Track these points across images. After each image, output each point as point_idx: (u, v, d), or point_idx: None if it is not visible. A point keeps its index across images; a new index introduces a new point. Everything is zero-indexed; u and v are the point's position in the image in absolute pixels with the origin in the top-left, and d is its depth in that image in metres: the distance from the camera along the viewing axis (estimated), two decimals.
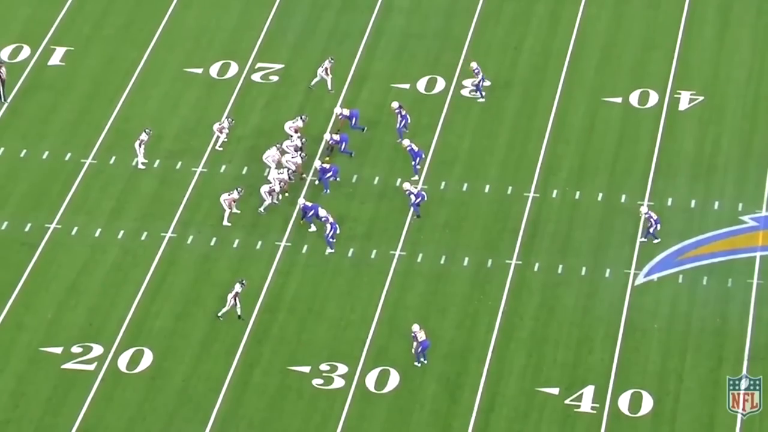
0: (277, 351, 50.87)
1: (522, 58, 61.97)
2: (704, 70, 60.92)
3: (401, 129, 57.76)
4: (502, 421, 48.47)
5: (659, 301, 52.07)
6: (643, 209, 53.73)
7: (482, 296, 52.50)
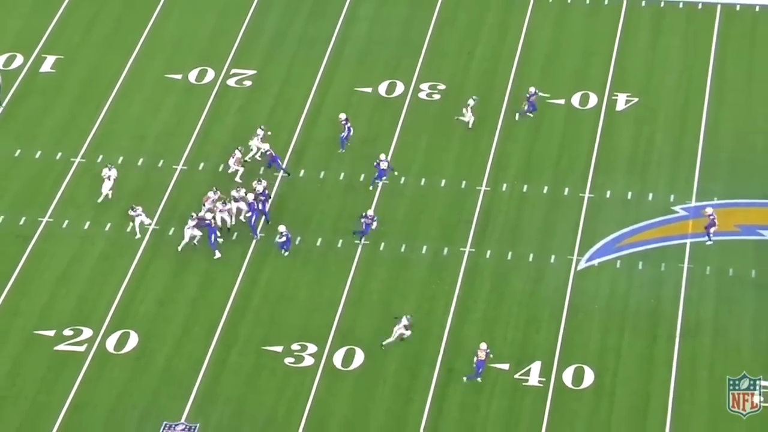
0: (252, 333, 51.06)
1: (474, 63, 62.09)
2: (639, 75, 61.13)
3: (344, 139, 57.72)
4: (458, 394, 48.75)
5: (599, 284, 52.37)
6: (708, 210, 53.21)
7: (439, 281, 52.70)
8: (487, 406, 48.43)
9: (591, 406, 48.29)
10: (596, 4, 64.64)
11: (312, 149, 58.29)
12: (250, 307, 52.10)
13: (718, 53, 61.76)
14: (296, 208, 55.78)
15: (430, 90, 60.88)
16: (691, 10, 64.03)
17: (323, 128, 59.16)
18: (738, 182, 55.92)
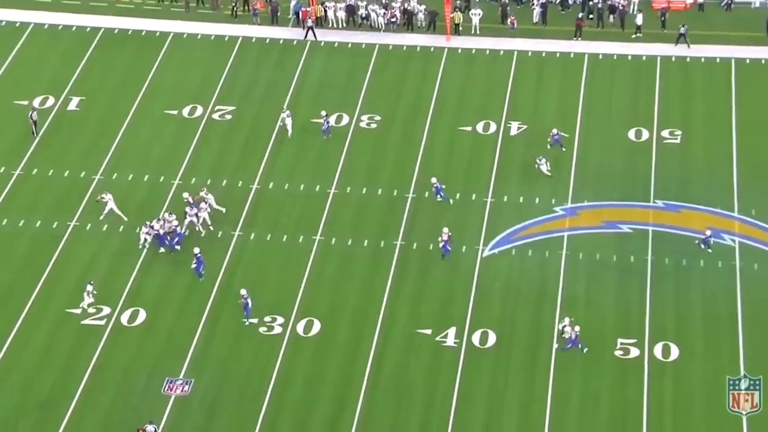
0: (233, 309, 50.50)
1: (402, 100, 61.64)
2: (527, 107, 60.84)
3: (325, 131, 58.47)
4: (394, 354, 48.53)
5: (499, 267, 52.15)
6: (708, 231, 51.23)
7: (377, 268, 52.31)
8: (415, 362, 48.20)
9: (493, 361, 48.12)
10: (494, 55, 64.17)
11: (279, 164, 57.62)
12: (232, 288, 51.48)
13: (586, 91, 61.50)
14: (267, 212, 55.17)
15: (368, 120, 60.37)
16: (565, 59, 63.76)
17: (288, 148, 58.62)
18: (602, 188, 55.73)
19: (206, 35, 66.39)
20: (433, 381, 47.41)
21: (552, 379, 47.22)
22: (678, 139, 58.15)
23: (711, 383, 46.68)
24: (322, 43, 65.57)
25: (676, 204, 54.67)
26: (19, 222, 55.04)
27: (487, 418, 46.04)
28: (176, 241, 53.17)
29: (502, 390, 47.01)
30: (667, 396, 46.37)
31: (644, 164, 56.76)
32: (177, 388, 47.35)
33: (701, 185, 55.44)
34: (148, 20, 67.33)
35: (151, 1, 68.76)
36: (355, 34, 66.20)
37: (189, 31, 66.58)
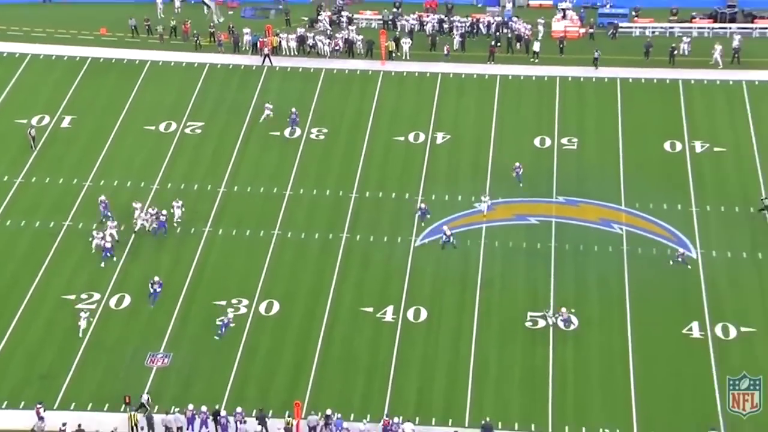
0: (205, 293, 49.90)
1: (346, 115, 61.03)
2: (450, 120, 60.56)
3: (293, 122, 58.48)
4: (341, 329, 48.16)
5: (429, 254, 51.85)
6: (680, 250, 49.94)
7: (327, 257, 51.81)
8: (360, 335, 47.85)
9: (425, 334, 47.92)
10: (422, 77, 63.71)
11: (243, 171, 56.88)
12: (203, 277, 50.85)
13: (498, 106, 61.35)
14: (233, 211, 54.44)
15: (317, 132, 59.80)
16: (481, 79, 63.46)
17: (251, 156, 57.95)
18: (514, 187, 55.61)
19: (178, 62, 65.51)
20: (374, 351, 47.08)
21: (474, 348, 47.09)
22: (575, 146, 58.28)
23: (605, 349, 46.86)
24: (277, 68, 65.00)
25: (574, 199, 54.78)
26: (21, 222, 53.90)
27: (421, 382, 45.83)
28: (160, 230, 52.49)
29: (432, 358, 46.80)
30: (568, 361, 46.43)
31: (547, 166, 56.83)
32: (158, 360, 46.65)
33: (594, 183, 55.58)
34: (129, 50, 66.38)
35: (130, 35, 67.74)
36: (305, 61, 65.64)
37: (164, 59, 65.67)
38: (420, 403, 44.83)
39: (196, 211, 54.14)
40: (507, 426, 43.69)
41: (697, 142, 57.89)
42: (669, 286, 49.58)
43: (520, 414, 44.23)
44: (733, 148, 57.51)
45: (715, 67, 63.40)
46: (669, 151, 57.59)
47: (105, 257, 51.17)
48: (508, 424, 43.75)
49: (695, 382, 45.03)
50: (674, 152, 57.44)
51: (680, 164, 56.53)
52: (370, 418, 44.07)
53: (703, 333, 47.04)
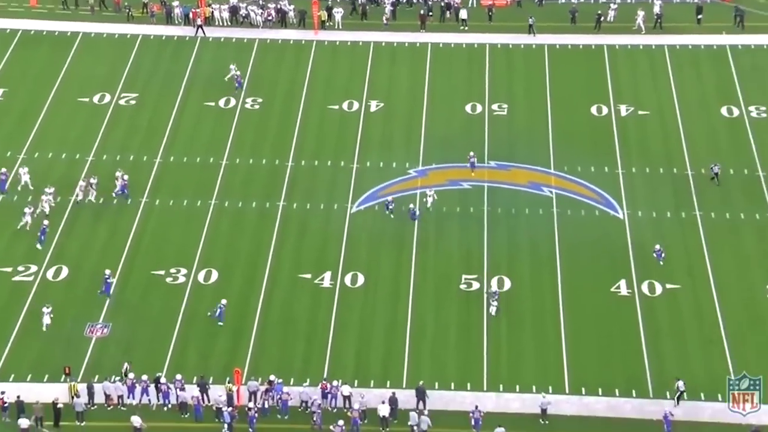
0: (144, 263, 49.15)
1: (280, 84, 60.15)
2: (383, 88, 60.02)
3: (239, 84, 58.31)
4: (280, 295, 47.72)
5: (365, 220, 51.51)
6: (657, 246, 48.20)
7: (264, 225, 51.19)
8: (298, 301, 47.44)
9: (363, 298, 47.71)
10: (354, 46, 62.95)
11: (178, 141, 55.89)
12: (141, 248, 50.04)
13: (430, 73, 60.94)
14: (170, 182, 53.51)
15: (252, 102, 58.91)
16: (413, 48, 62.95)
17: (186, 127, 56.96)
18: (446, 153, 55.44)
19: (111, 34, 63.90)
20: (313, 317, 46.77)
21: (410, 312, 47.06)
22: (505, 111, 58.27)
23: (537, 309, 47.13)
24: (210, 38, 63.75)
25: (506, 164, 54.88)
26: None
27: (359, 344, 45.69)
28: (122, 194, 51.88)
29: (370, 321, 46.66)
30: (502, 320, 46.60)
31: (479, 132, 56.77)
32: (97, 330, 45.82)
33: (524, 148, 55.72)
34: (60, 22, 64.55)
35: (61, 7, 65.84)
36: (238, 31, 64.47)
37: (96, 31, 64.02)
38: (358, 366, 44.71)
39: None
40: (443, 386, 43.76)
41: (622, 106, 58.28)
42: (597, 247, 50.00)
43: (456, 374, 44.32)
44: (656, 112, 58.00)
45: (638, 32, 63.81)
46: (595, 115, 57.93)
47: (41, 240, 49.74)
48: (444, 385, 43.82)
49: (623, 339, 45.55)
50: (600, 116, 57.78)
51: (606, 128, 56.90)
52: (310, 382, 43.83)
53: (631, 291, 47.58)
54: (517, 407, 42.89)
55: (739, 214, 51.38)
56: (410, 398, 42.84)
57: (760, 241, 49.93)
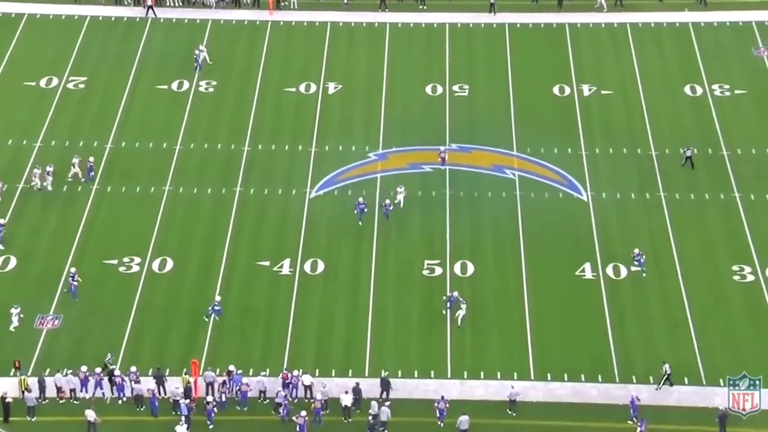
0: (95, 252, 48.44)
1: (235, 66, 59.40)
2: (341, 70, 59.52)
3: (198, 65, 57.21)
4: (238, 283, 47.26)
5: (324, 205, 51.14)
6: (636, 250, 46.86)
7: (221, 211, 50.61)
8: (258, 288, 47.07)
9: (323, 285, 47.33)
10: (311, 27, 62.22)
11: (130, 125, 55.11)
12: (93, 234, 49.29)
13: (389, 54, 60.41)
14: (121, 167, 52.82)
15: (206, 85, 58.20)
16: (371, 28, 62.34)
17: (138, 110, 56.15)
18: (407, 135, 55.11)
19: (58, 15, 62.65)
20: (272, 304, 46.32)
21: (372, 298, 46.71)
22: (466, 92, 58.02)
23: (501, 294, 47.03)
24: (161, 20, 62.65)
25: (467, 146, 54.70)
26: None
27: (319, 333, 45.30)
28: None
29: (330, 308, 46.30)
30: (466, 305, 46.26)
31: (439, 114, 56.44)
32: (48, 322, 45.01)
33: (486, 129, 55.52)
34: (4, 3, 63.16)
35: None
36: (190, 12, 63.43)
37: (42, 12, 62.74)
38: (319, 355, 44.35)
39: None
40: (407, 374, 43.50)
41: (584, 85, 58.24)
42: (561, 229, 49.95)
43: (420, 362, 44.07)
44: (619, 91, 57.99)
45: (600, 10, 63.72)
46: (558, 95, 57.83)
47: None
48: (407, 373, 43.54)
49: (588, 323, 45.56)
50: (563, 96, 57.70)
51: (569, 108, 56.81)
52: (270, 372, 43.36)
53: (595, 274, 47.60)
54: (482, 394, 42.72)
55: (704, 194, 51.56)
56: (374, 388, 42.49)
57: (724, 222, 50.15)
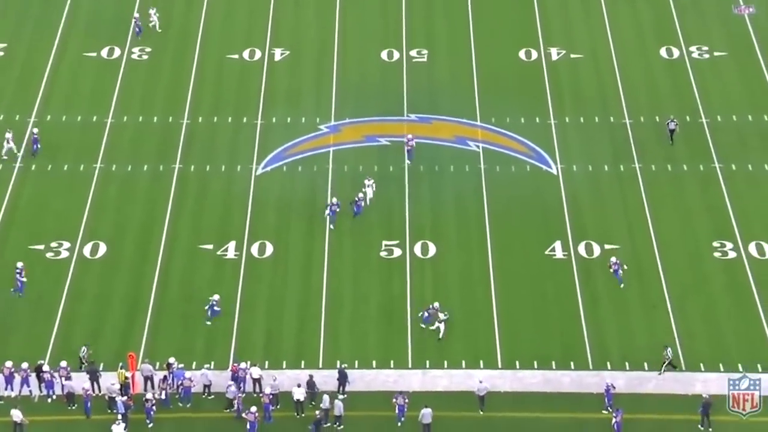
0: (20, 237, 47.78)
1: (171, 31, 58.43)
2: (288, 34, 58.82)
3: (138, 32, 56.70)
4: (178, 270, 46.78)
5: (272, 183, 50.64)
6: (612, 259, 45.87)
7: (158, 190, 50.07)
8: (201, 272, 46.59)
9: (272, 270, 46.90)
10: None
11: (55, 97, 54.38)
12: (17, 217, 48.55)
13: (340, 17, 59.72)
14: (46, 143, 51.61)
15: (140, 52, 57.32)
16: None
17: (63, 79, 55.33)
18: (361, 106, 54.59)
19: None
20: (216, 291, 45.55)
21: (325, 282, 46.27)
22: (425, 58, 57.55)
23: (465, 275, 46.74)
24: None
25: (427, 116, 54.32)
26: None
27: (268, 321, 44.79)
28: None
29: (280, 295, 45.79)
30: (427, 287, 46.11)
31: (397, 82, 55.91)
32: None
33: (448, 98, 55.14)
34: None
35: None
36: None
37: None
38: (269, 345, 43.85)
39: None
40: (364, 365, 43.11)
41: (552, 49, 58.01)
42: (530, 205, 49.76)
43: (378, 351, 43.69)
44: (590, 55, 57.76)
45: None
46: (524, 60, 57.57)
47: None
48: (365, 363, 43.16)
49: (559, 307, 45.39)
50: (530, 61, 57.44)
51: (536, 74, 56.56)
52: (215, 366, 42.79)
53: (567, 253, 47.49)
54: (446, 385, 42.47)
55: (682, 165, 51.59)
56: (329, 380, 42.09)
57: (704, 195, 50.20)
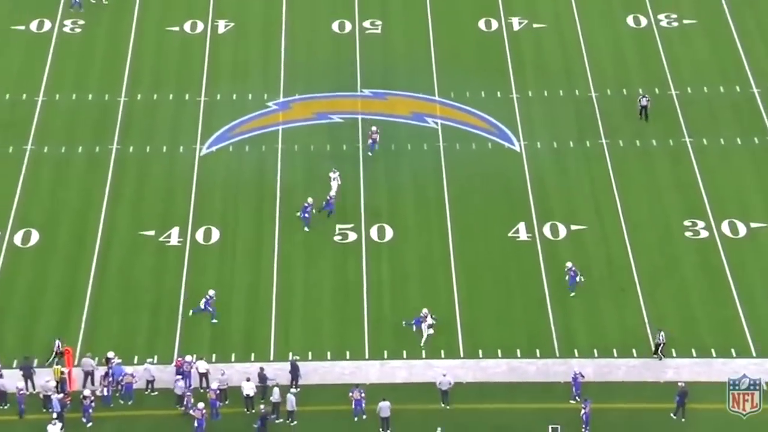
0: None
1: (106, 4, 58.04)
2: (232, 5, 58.44)
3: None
4: (117, 257, 46.47)
5: (218, 165, 50.37)
6: (569, 264, 45.38)
7: (95, 173, 49.68)
8: (141, 262, 46.32)
9: (219, 256, 46.67)
10: None
11: None
12: None
13: None
14: None
15: (72, 25, 56.93)
16: None
17: None
18: (312, 81, 54.40)
19: None
20: (159, 281, 45.44)
21: (276, 269, 46.02)
22: (379, 29, 57.44)
23: (425, 260, 46.68)
24: None
25: (382, 92, 54.19)
26: None
27: (215, 310, 44.33)
28: None
29: (228, 283, 45.49)
30: (384, 274, 46.00)
31: (349, 55, 55.75)
32: None
33: (404, 72, 55.06)
34: None
35: None
36: None
37: None
38: (215, 337, 43.56)
39: None
40: (318, 356, 42.90)
41: (514, 18, 58.03)
42: (492, 185, 49.78)
43: (333, 342, 43.52)
44: (553, 24, 57.86)
45: None
46: (484, 30, 57.53)
47: None
48: (319, 355, 42.95)
49: (524, 291, 45.41)
50: (490, 32, 57.41)
51: (497, 45, 56.55)
52: (158, 360, 42.45)
53: (531, 235, 47.55)
54: (405, 376, 42.37)
55: (651, 140, 51.80)
56: (281, 373, 41.84)
57: (674, 171, 50.43)
